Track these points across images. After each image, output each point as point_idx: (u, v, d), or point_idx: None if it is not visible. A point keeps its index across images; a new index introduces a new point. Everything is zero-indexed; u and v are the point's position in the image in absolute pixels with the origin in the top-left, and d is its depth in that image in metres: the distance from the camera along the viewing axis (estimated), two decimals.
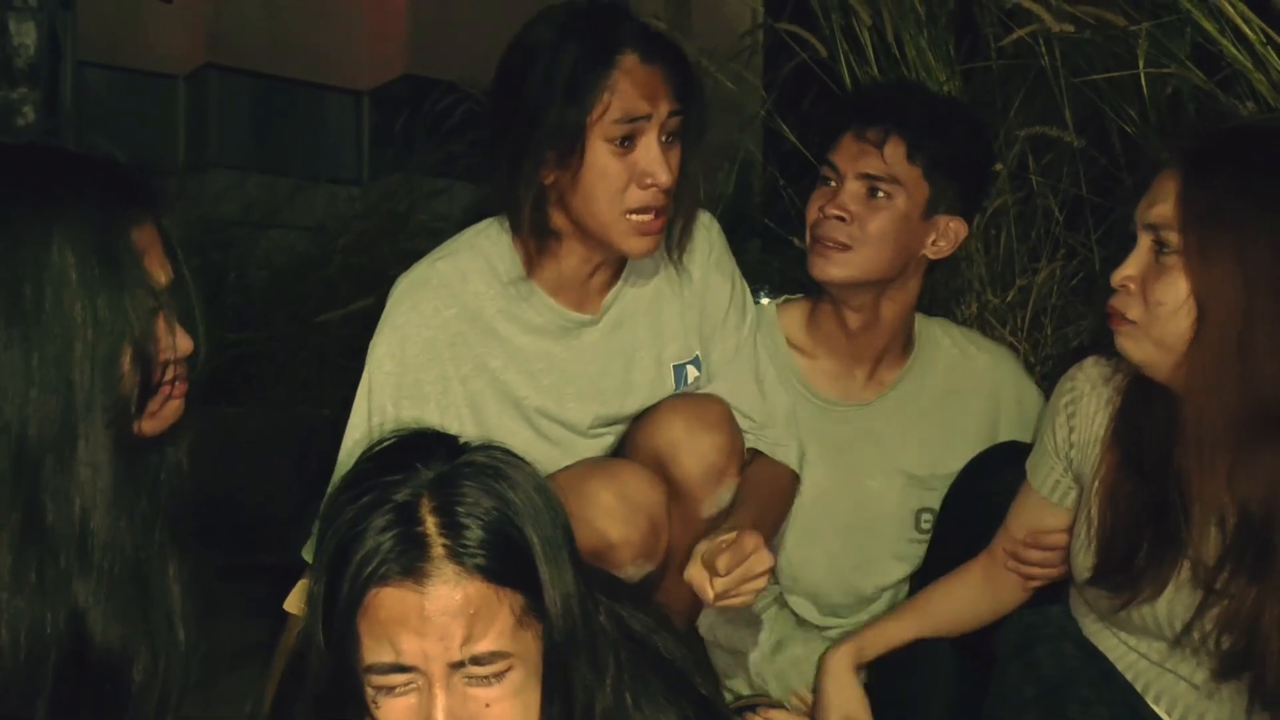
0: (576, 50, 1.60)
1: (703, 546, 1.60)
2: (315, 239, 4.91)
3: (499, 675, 1.05)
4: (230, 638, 2.59)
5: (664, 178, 1.60)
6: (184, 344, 1.24)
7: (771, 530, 1.77)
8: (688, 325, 1.80)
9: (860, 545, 1.94)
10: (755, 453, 1.83)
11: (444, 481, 1.07)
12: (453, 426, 1.69)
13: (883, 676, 1.77)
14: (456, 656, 1.03)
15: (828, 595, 1.96)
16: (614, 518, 1.62)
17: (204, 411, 3.99)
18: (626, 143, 1.59)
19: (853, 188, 1.80)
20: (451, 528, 1.05)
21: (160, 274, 1.22)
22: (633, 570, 1.65)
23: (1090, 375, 1.52)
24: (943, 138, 1.80)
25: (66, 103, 4.98)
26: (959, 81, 2.57)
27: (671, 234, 1.71)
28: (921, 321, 1.99)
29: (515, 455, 1.12)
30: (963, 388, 1.94)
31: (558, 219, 1.66)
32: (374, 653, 1.04)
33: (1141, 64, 2.17)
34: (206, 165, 10.49)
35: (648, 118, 1.59)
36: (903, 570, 1.96)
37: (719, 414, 1.73)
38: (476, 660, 1.04)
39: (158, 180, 1.28)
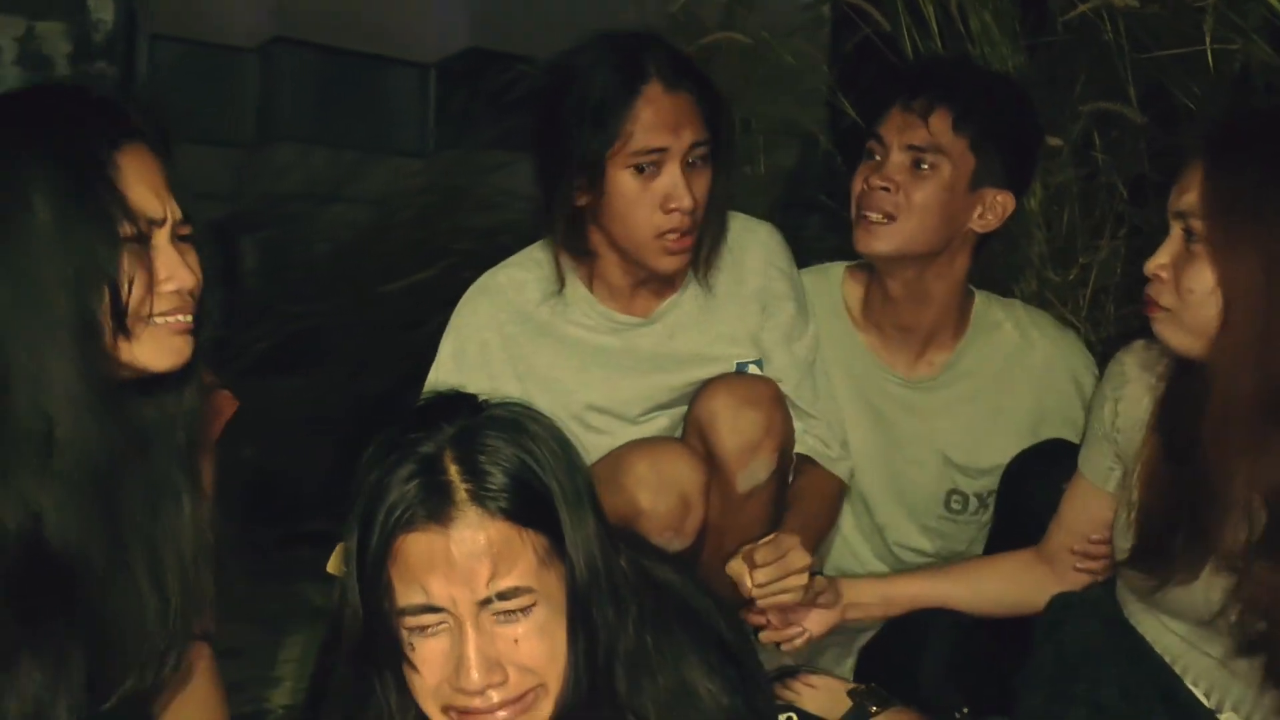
0: (603, 80, 1.68)
1: (746, 547, 1.63)
2: (377, 212, 4.95)
3: (525, 610, 1.09)
4: (287, 604, 2.68)
5: (686, 203, 1.67)
6: (183, 277, 1.25)
7: (817, 537, 1.80)
8: (748, 335, 1.84)
9: (889, 509, 1.96)
10: (806, 460, 1.86)
11: (466, 433, 1.12)
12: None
13: (887, 638, 1.80)
14: (483, 593, 1.08)
15: (858, 546, 1.99)
16: (645, 486, 1.69)
17: (263, 384, 4.08)
18: (649, 169, 1.67)
19: (898, 159, 1.80)
20: (474, 474, 1.09)
21: (155, 205, 1.23)
22: (659, 543, 1.68)
23: (1138, 359, 1.51)
24: (990, 110, 1.79)
25: (142, 76, 5.10)
26: (1023, 56, 2.54)
27: (699, 251, 1.77)
28: (983, 302, 1.96)
29: (537, 410, 1.17)
30: (1016, 376, 1.91)
31: (595, 237, 1.76)
32: (405, 596, 1.09)
33: (1208, 39, 2.12)
34: (276, 138, 10.64)
35: (666, 149, 1.66)
36: (928, 543, 1.97)
37: (763, 393, 1.75)
38: (502, 595, 1.08)
39: (157, 115, 1.30)
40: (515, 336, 1.80)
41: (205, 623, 1.36)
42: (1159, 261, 1.39)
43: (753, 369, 1.83)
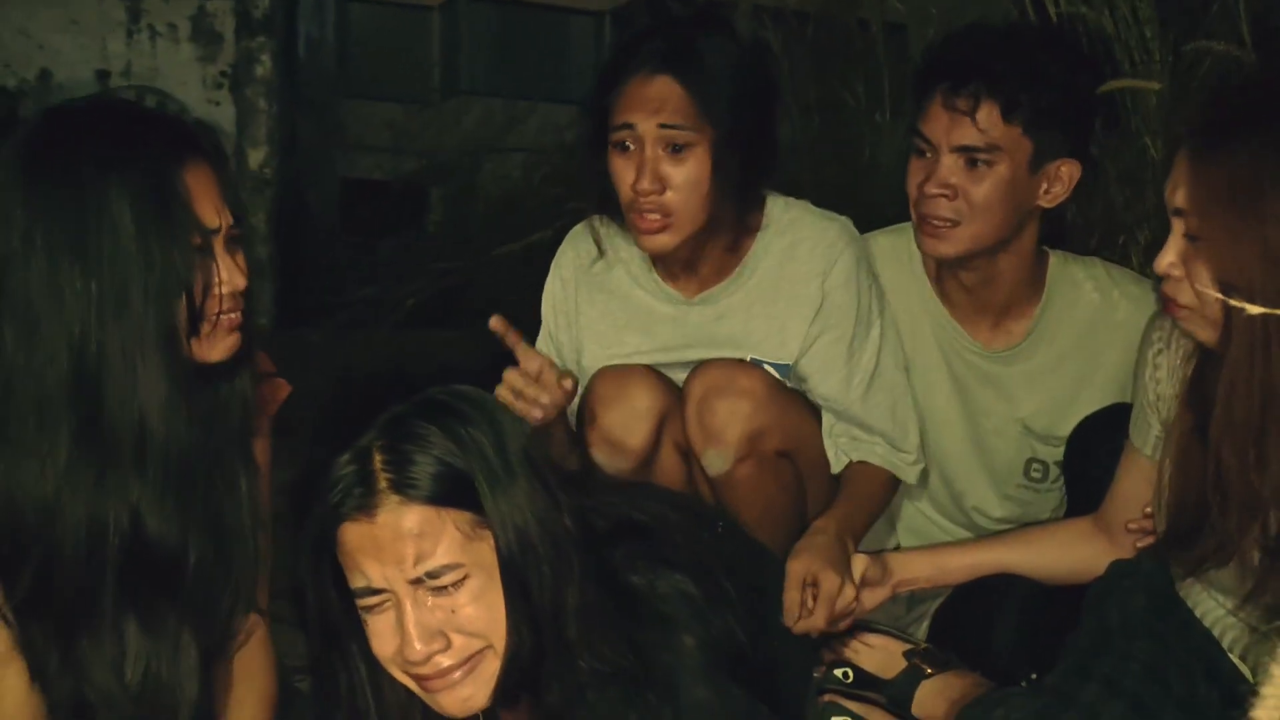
0: (612, 62, 1.74)
1: (799, 567, 1.60)
2: (552, 161, 5.06)
3: (457, 584, 1.17)
4: None
5: (643, 184, 1.67)
6: (237, 280, 1.34)
7: (863, 526, 1.76)
8: (794, 336, 1.81)
9: (969, 477, 1.92)
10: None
11: (395, 421, 1.20)
12: (566, 349, 1.89)
13: (959, 602, 1.78)
14: (412, 574, 1.17)
15: (935, 514, 1.96)
16: (601, 401, 1.76)
17: (424, 334, 4.27)
18: (624, 147, 1.69)
19: (949, 161, 1.70)
20: (395, 463, 1.17)
21: (214, 216, 1.33)
22: (601, 458, 1.76)
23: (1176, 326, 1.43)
24: (1039, 86, 1.67)
25: (300, 52, 5.37)
26: None
27: (732, 242, 1.77)
28: (1059, 263, 1.85)
29: (471, 391, 1.24)
30: (1099, 337, 1.81)
31: None
32: (352, 580, 1.20)
33: None
34: (459, 92, 10.96)
35: (630, 127, 1.68)
36: (1006, 509, 1.92)
37: (742, 385, 1.73)
38: (431, 574, 1.17)
39: (213, 133, 1.40)
40: (581, 281, 1.87)
41: (261, 596, 1.46)
42: (1168, 260, 1.30)
43: (767, 368, 1.81)
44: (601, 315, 1.86)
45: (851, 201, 3.10)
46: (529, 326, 2.18)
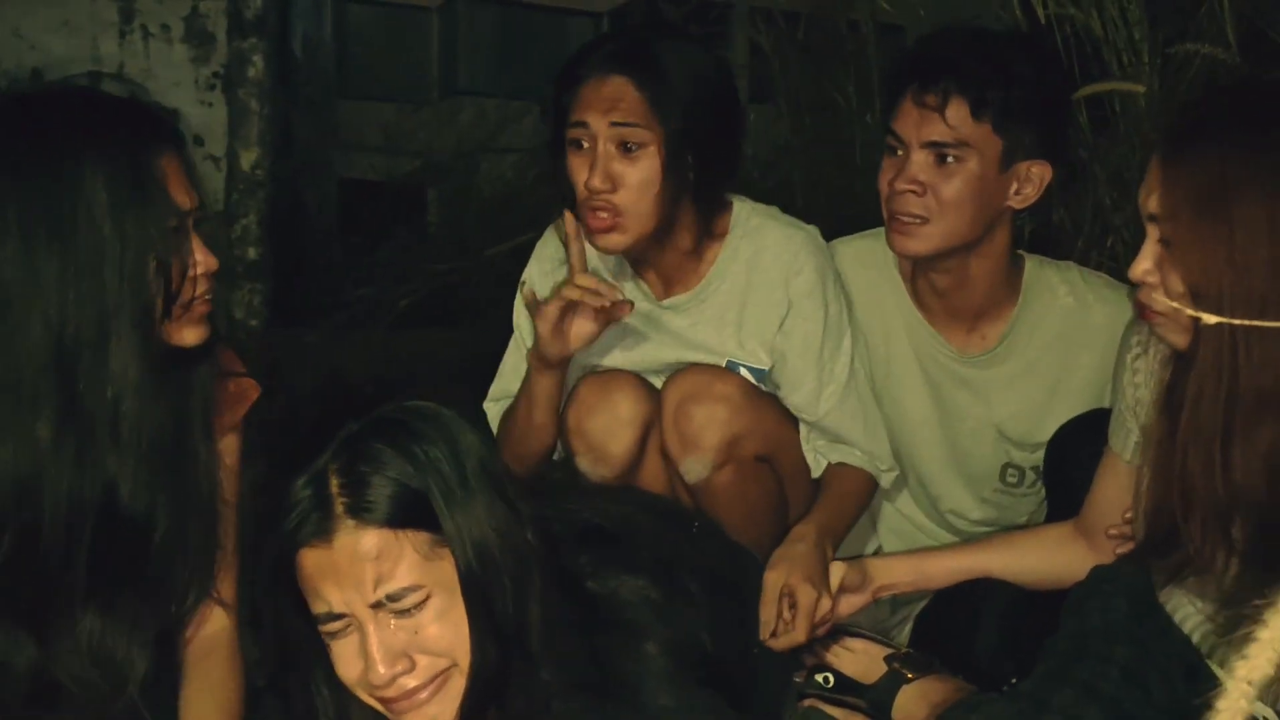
0: (570, 67, 1.72)
1: (776, 580, 1.59)
2: (521, 166, 5.08)
3: (419, 605, 1.16)
4: None
5: (594, 182, 1.66)
6: (209, 261, 1.36)
7: (842, 530, 1.76)
8: (766, 343, 1.81)
9: (945, 481, 1.92)
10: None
11: (351, 442, 1.18)
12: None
13: (941, 606, 1.78)
14: (372, 598, 1.15)
15: (916, 517, 1.97)
16: (582, 407, 1.75)
17: (419, 334, 4.26)
18: (579, 145, 1.69)
19: (919, 158, 1.71)
20: (351, 486, 1.16)
21: (183, 198, 1.36)
22: (584, 466, 1.77)
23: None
24: (1008, 84, 1.67)
25: (297, 53, 5.37)
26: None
27: (660, 242, 1.75)
28: (1034, 267, 1.85)
29: (427, 407, 1.21)
30: (1074, 342, 1.81)
31: None
32: (313, 605, 1.18)
33: None
34: (457, 92, 10.96)
35: (584, 125, 1.67)
36: (983, 512, 1.93)
37: (719, 391, 1.73)
38: (392, 597, 1.15)
39: (176, 117, 1.42)
40: (552, 280, 1.86)
41: (226, 588, 1.47)
42: (1143, 267, 1.29)
43: (744, 372, 1.81)
44: None
45: (844, 201, 3.10)
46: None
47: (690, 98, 1.68)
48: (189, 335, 1.37)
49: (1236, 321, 1.17)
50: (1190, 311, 1.19)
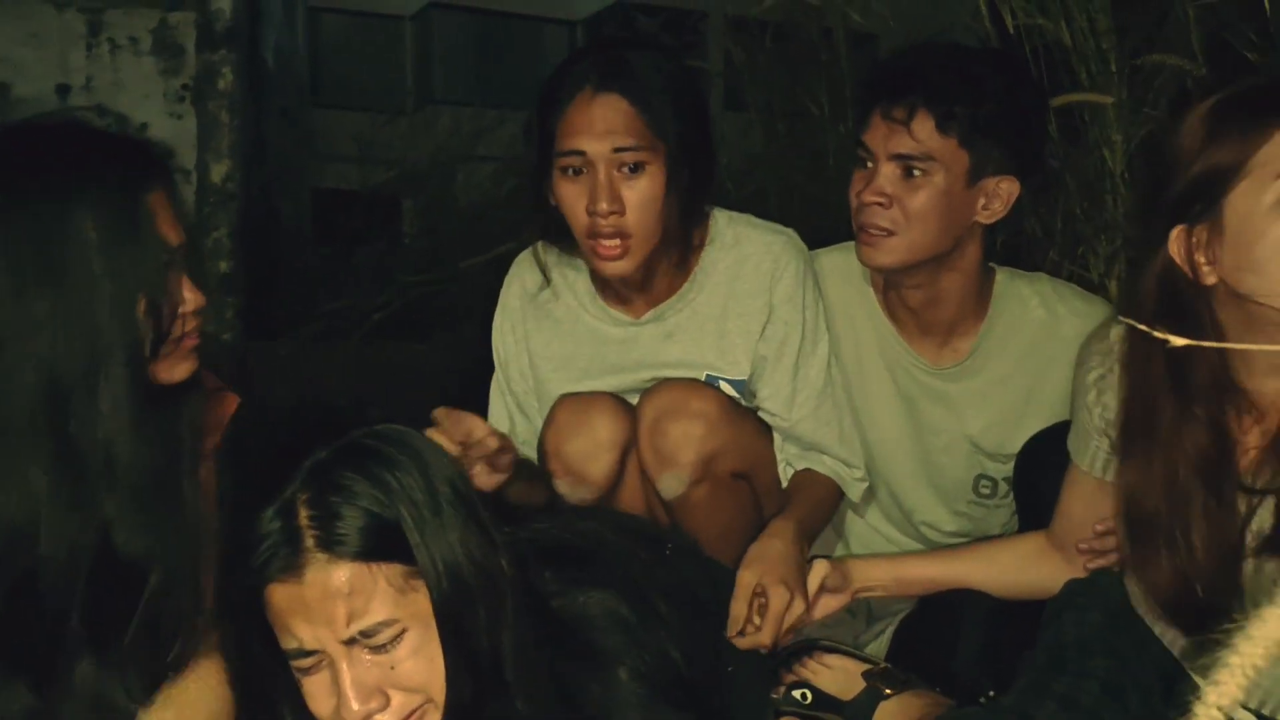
0: (552, 86, 1.70)
1: (749, 578, 1.58)
2: (497, 177, 5.06)
3: (394, 640, 1.13)
4: None
5: (602, 206, 1.65)
6: (197, 298, 1.35)
7: (812, 534, 1.76)
8: (745, 352, 1.80)
9: (918, 494, 1.93)
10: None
11: (321, 470, 1.14)
12: (516, 379, 1.88)
13: (919, 619, 1.78)
14: (345, 634, 1.11)
15: (887, 529, 1.97)
16: (560, 429, 1.75)
17: (393, 346, 4.24)
18: (575, 172, 1.67)
19: (887, 170, 1.71)
20: (321, 518, 1.12)
21: (171, 235, 1.35)
22: (563, 488, 1.76)
23: (1117, 347, 1.42)
24: (976, 101, 1.67)
25: (270, 63, 5.33)
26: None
27: (680, 260, 1.76)
28: (1005, 280, 1.86)
29: (395, 431, 1.18)
30: (1044, 353, 1.81)
31: None
32: (283, 641, 1.14)
33: None
34: (432, 101, 10.95)
35: (579, 153, 1.66)
36: (956, 524, 1.93)
37: (696, 408, 1.72)
38: (365, 634, 1.12)
39: (165, 154, 1.41)
40: (528, 310, 1.87)
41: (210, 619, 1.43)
42: None
43: (723, 385, 1.80)
44: (550, 344, 1.85)
45: (817, 211, 3.10)
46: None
47: (677, 109, 1.68)
48: (179, 371, 1.36)
49: None
50: None
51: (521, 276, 1.88)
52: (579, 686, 1.17)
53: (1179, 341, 0.63)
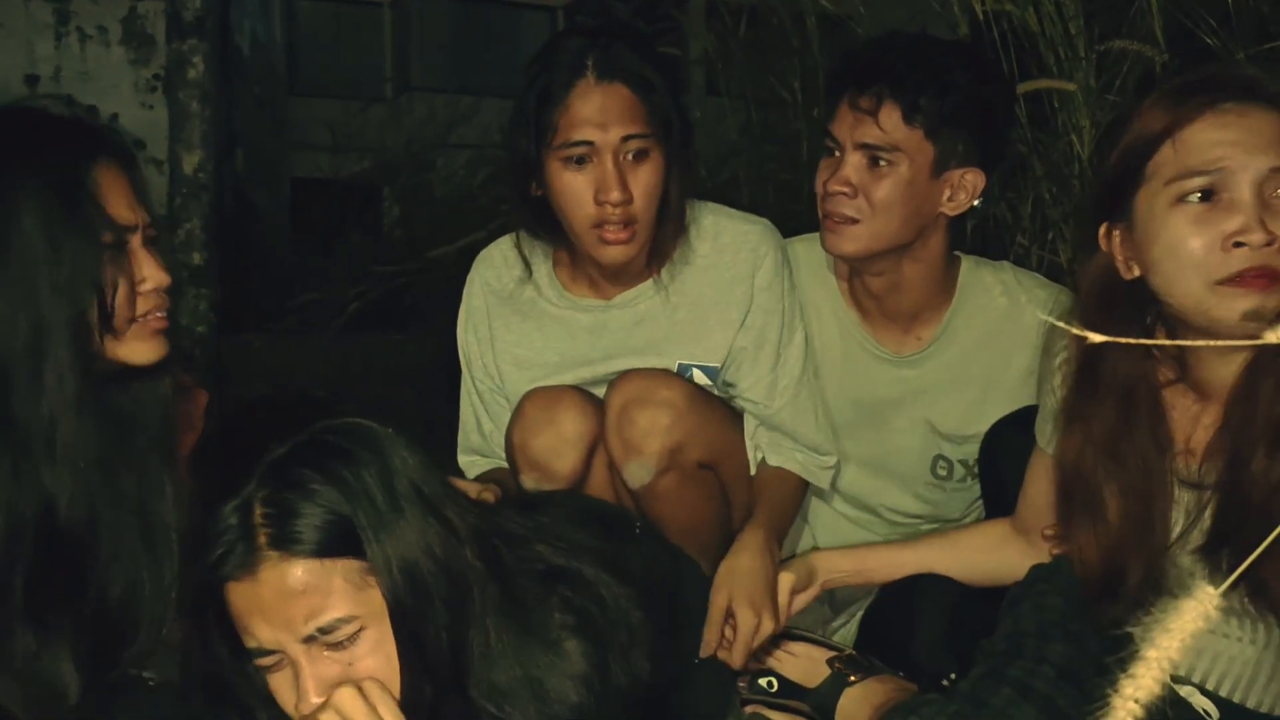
0: (545, 77, 1.68)
1: (721, 602, 1.57)
2: (472, 165, 5.03)
3: (353, 637, 1.11)
4: None
5: (614, 195, 1.65)
6: (159, 276, 1.34)
7: (783, 528, 1.77)
8: (720, 341, 1.80)
9: (878, 476, 1.93)
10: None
11: (278, 468, 1.12)
12: (481, 378, 1.87)
13: (884, 605, 1.78)
14: (304, 632, 1.10)
15: (852, 513, 1.97)
16: (526, 423, 1.74)
17: (368, 338, 4.22)
18: (580, 161, 1.67)
19: (853, 159, 1.72)
20: (276, 517, 1.10)
21: (125, 213, 1.34)
22: (528, 482, 1.76)
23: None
24: (942, 92, 1.68)
25: (245, 51, 5.30)
26: None
27: (658, 244, 1.75)
28: (970, 268, 1.86)
29: (357, 426, 1.15)
30: (1006, 340, 1.82)
31: (561, 225, 1.75)
32: (245, 641, 1.13)
33: None
34: (411, 88, 10.89)
35: (590, 144, 1.65)
36: (917, 507, 1.93)
37: (663, 396, 1.71)
38: (323, 630, 1.10)
39: (119, 135, 1.41)
40: (493, 307, 1.85)
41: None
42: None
43: (695, 373, 1.80)
44: (519, 339, 1.84)
45: (789, 198, 3.10)
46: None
47: (669, 96, 1.69)
48: (139, 351, 1.35)
49: None
50: None
51: (485, 274, 1.86)
52: (545, 684, 1.17)
53: (1095, 338, 0.65)
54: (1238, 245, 1.23)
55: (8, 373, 1.26)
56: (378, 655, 1.12)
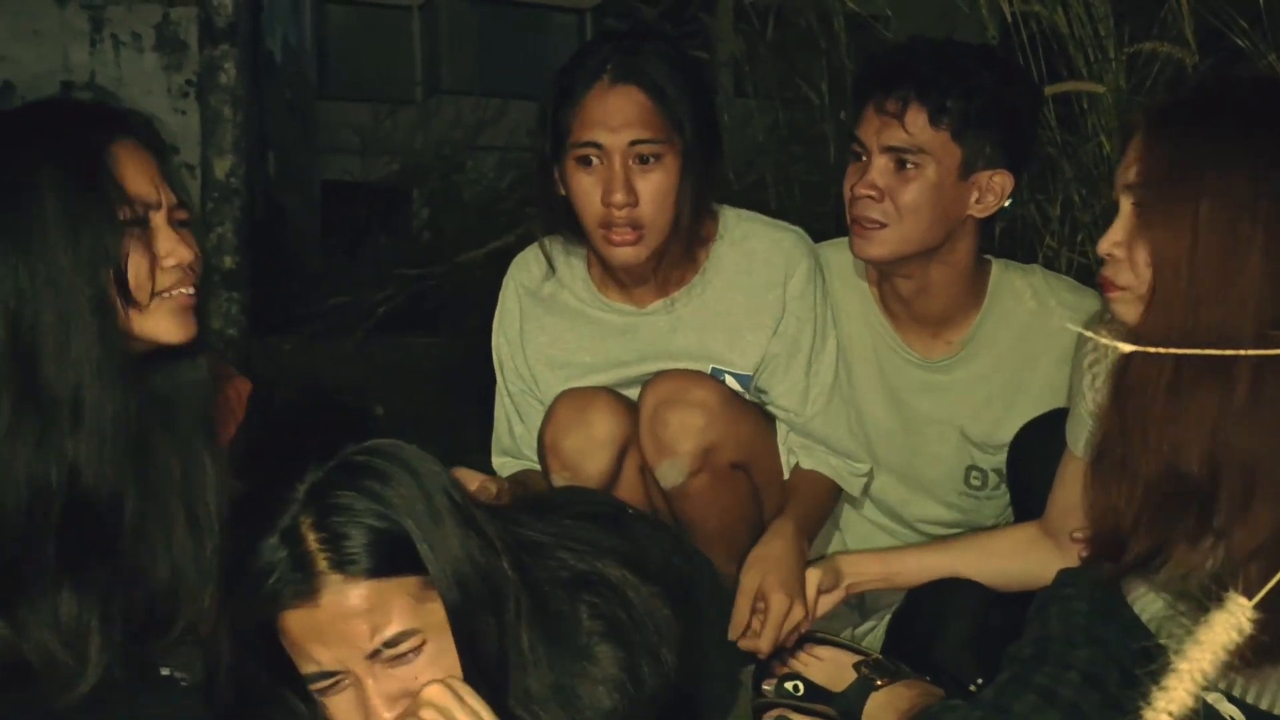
0: (565, 79, 1.70)
1: (752, 582, 1.60)
2: (500, 168, 5.04)
3: (415, 650, 1.12)
4: None
5: (618, 198, 1.66)
6: (180, 252, 1.37)
7: (814, 529, 1.78)
8: (753, 347, 1.80)
9: (909, 486, 1.92)
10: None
11: (319, 492, 1.13)
12: (513, 380, 1.88)
13: (911, 609, 1.77)
14: (369, 648, 1.11)
15: (881, 521, 1.96)
16: (559, 424, 1.76)
17: (397, 340, 4.24)
18: (588, 162, 1.68)
19: (880, 163, 1.71)
20: (330, 540, 1.11)
21: (146, 189, 1.35)
22: (558, 481, 1.76)
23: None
24: (967, 95, 1.67)
25: (276, 56, 5.34)
26: None
27: (675, 251, 1.76)
28: (1000, 271, 1.85)
29: (385, 445, 1.17)
30: (1035, 344, 1.81)
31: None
32: (303, 667, 1.13)
33: None
34: (440, 91, 10.94)
35: (599, 145, 1.66)
36: (949, 516, 1.92)
37: (696, 397, 1.72)
38: (389, 644, 1.11)
39: (144, 117, 1.44)
40: (527, 309, 1.87)
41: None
42: (1113, 239, 1.32)
43: (728, 380, 1.80)
44: (552, 339, 1.85)
45: (817, 199, 3.09)
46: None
47: (692, 102, 1.70)
48: (166, 327, 1.38)
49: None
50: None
51: (519, 277, 1.88)
52: (577, 690, 1.17)
53: (1126, 348, 0.65)
54: None
55: (36, 346, 1.30)
56: (438, 667, 1.13)
